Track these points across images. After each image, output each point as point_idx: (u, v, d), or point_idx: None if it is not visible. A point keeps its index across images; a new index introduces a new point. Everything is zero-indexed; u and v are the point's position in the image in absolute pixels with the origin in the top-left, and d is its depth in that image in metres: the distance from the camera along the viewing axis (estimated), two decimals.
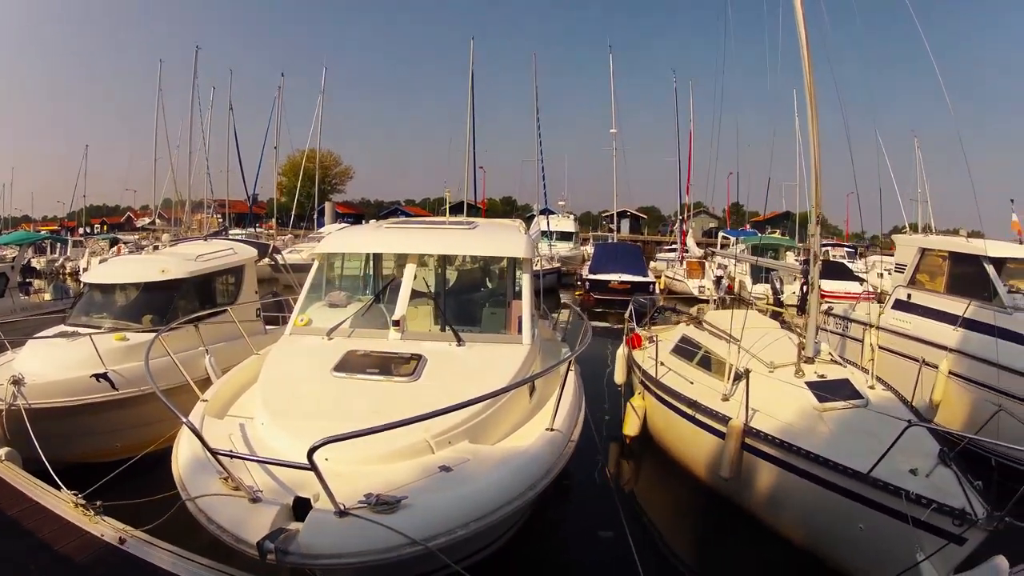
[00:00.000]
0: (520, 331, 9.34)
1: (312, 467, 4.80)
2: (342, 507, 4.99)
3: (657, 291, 35.88)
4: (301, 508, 5.31)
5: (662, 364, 12.36)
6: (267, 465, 5.94)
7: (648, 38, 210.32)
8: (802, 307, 13.43)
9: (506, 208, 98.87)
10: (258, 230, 55.54)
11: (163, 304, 12.53)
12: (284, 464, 5.62)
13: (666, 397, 11.60)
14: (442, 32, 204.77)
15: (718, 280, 35.07)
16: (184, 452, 6.59)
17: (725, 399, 10.30)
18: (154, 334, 9.48)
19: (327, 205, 73.95)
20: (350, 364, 7.89)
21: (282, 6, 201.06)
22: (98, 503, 7.43)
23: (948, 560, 6.98)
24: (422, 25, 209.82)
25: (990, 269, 13.71)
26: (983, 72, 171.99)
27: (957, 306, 13.86)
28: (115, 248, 45.43)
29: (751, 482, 9.44)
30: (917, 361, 12.44)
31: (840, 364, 11.46)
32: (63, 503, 7.59)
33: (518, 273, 10.51)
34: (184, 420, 6.01)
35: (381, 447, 6.11)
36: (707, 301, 29.29)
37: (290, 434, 6.45)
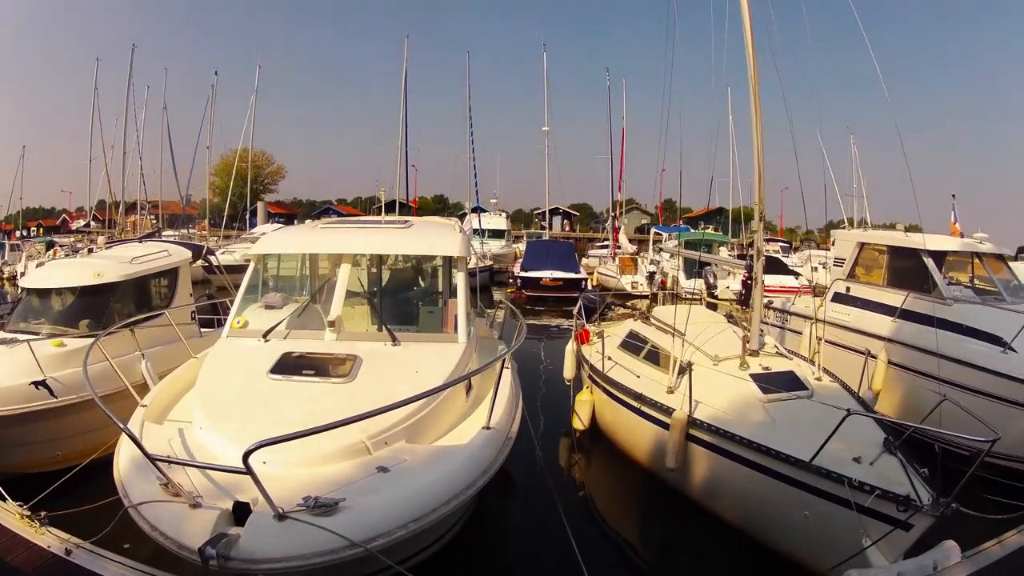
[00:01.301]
0: (456, 329, 9.44)
1: (248, 471, 4.88)
2: (281, 510, 5.06)
3: (589, 287, 36.08)
4: (241, 512, 5.35)
5: (609, 359, 12.64)
6: (206, 470, 6.02)
7: (584, 36, 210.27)
8: (745, 301, 13.73)
9: (437, 206, 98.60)
10: (191, 231, 54.62)
11: (99, 308, 12.36)
12: (221, 469, 5.63)
13: (613, 391, 11.84)
14: (375, 29, 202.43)
15: (651, 276, 35.44)
16: (124, 459, 6.60)
17: (670, 392, 10.54)
18: (92, 339, 9.45)
19: (260, 205, 73.07)
20: (286, 366, 7.93)
21: (217, 4, 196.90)
22: (42, 514, 7.28)
23: (896, 546, 7.22)
24: (355, 23, 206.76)
25: (929, 262, 14.22)
26: (920, 70, 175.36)
27: (896, 298, 14.44)
28: (51, 251, 44.25)
29: (697, 472, 9.71)
30: (858, 352, 12.76)
31: (786, 357, 11.79)
32: (9, 515, 7.40)
33: (453, 271, 10.59)
34: (123, 427, 6.09)
35: (318, 449, 6.19)
36: (644, 297, 29.57)
37: (227, 438, 6.50)
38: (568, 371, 14.49)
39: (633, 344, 12.90)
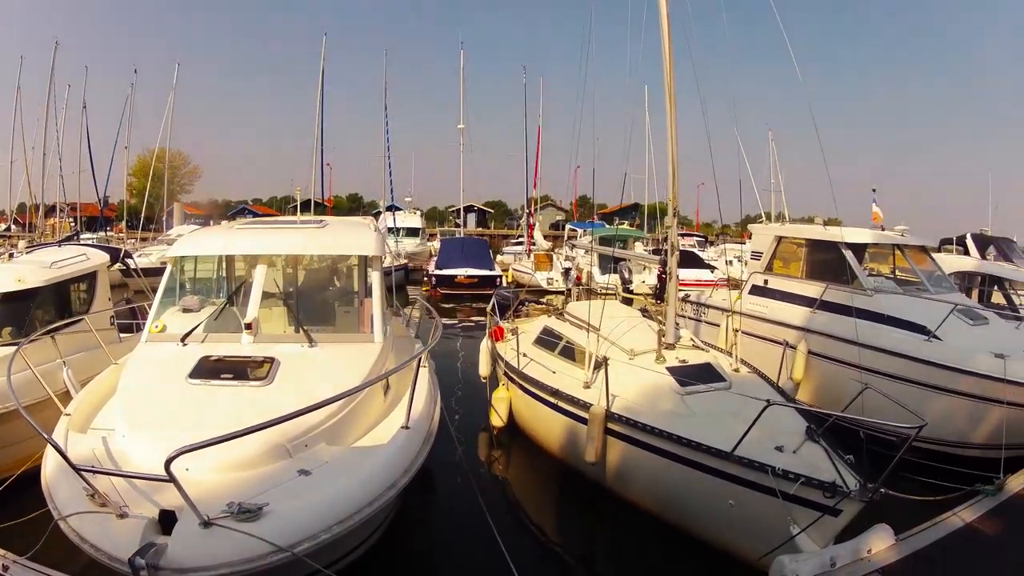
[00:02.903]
0: (372, 329, 9.48)
1: (171, 479, 4.91)
2: (206, 517, 5.09)
3: (504, 284, 36.19)
4: (167, 520, 5.32)
5: (525, 355, 12.66)
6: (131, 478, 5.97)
7: (502, 34, 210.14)
8: (660, 295, 13.66)
9: (352, 205, 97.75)
10: (109, 234, 52.90)
11: (22, 315, 11.75)
12: (145, 477, 5.69)
13: (529, 387, 11.88)
14: (293, 26, 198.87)
15: (567, 271, 35.27)
16: (51, 470, 6.49)
17: (587, 386, 10.58)
18: (13, 348, 9.10)
19: (176, 206, 71.07)
20: (205, 370, 7.86)
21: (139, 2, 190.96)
22: None
23: (825, 532, 7.34)
24: (274, 18, 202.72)
25: (848, 254, 14.52)
26: (837, 69, 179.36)
27: (815, 290, 14.73)
28: None
29: (617, 466, 9.79)
30: (778, 343, 13.03)
31: (702, 349, 11.92)
32: None
33: (368, 271, 10.45)
34: (47, 438, 6.03)
35: (238, 453, 6.21)
36: (559, 292, 29.35)
37: (149, 445, 6.41)
38: (483, 368, 14.59)
39: (548, 340, 12.94)
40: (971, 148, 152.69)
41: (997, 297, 19.13)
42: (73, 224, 52.87)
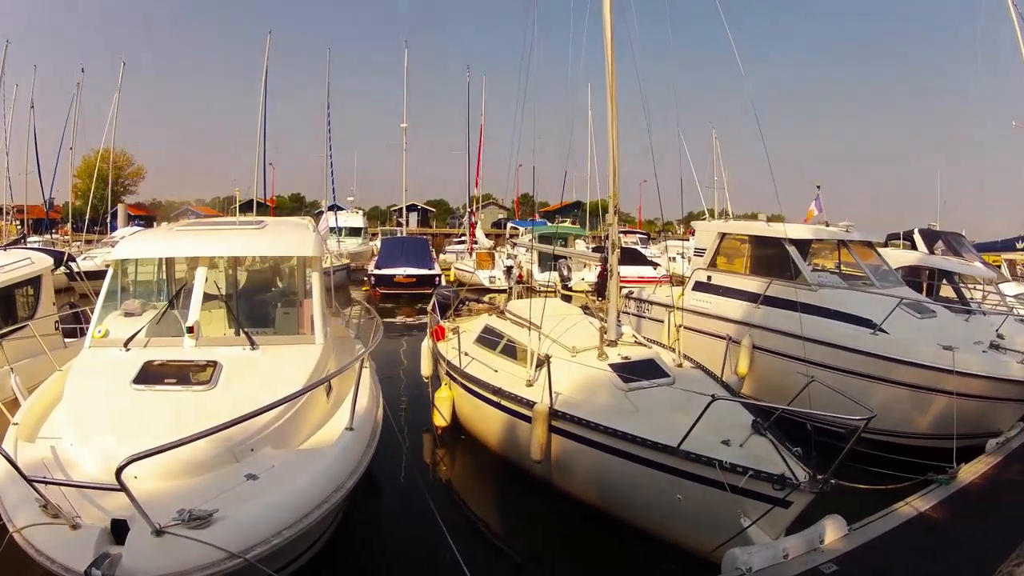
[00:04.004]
0: (312, 330, 9.53)
1: (122, 487, 4.95)
2: (158, 526, 5.08)
3: (444, 283, 35.75)
4: (119, 529, 5.32)
5: (466, 354, 12.56)
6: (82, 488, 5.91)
7: (446, 32, 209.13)
8: (601, 292, 13.90)
9: (294, 205, 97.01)
10: (54, 236, 51.64)
11: None
12: (97, 487, 5.68)
13: (472, 386, 11.82)
14: (237, 24, 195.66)
15: (508, 270, 35.07)
16: (2, 482, 6.34)
17: (529, 385, 10.56)
18: None
19: (120, 208, 69.74)
20: (148, 375, 7.85)
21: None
22: None
23: (776, 523, 7.43)
24: (217, 17, 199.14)
25: (792, 250, 14.67)
26: (778, 68, 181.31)
27: (759, 285, 14.86)
28: None
29: (563, 463, 9.78)
30: (721, 338, 13.49)
31: (645, 345, 12.08)
32: None
33: (308, 271, 10.60)
34: None
35: (186, 459, 6.18)
36: (501, 291, 29.17)
37: (97, 454, 6.48)
38: (425, 368, 14.55)
39: (489, 339, 12.89)
40: (920, 146, 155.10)
41: (947, 291, 19.34)
42: (20, 227, 51.80)
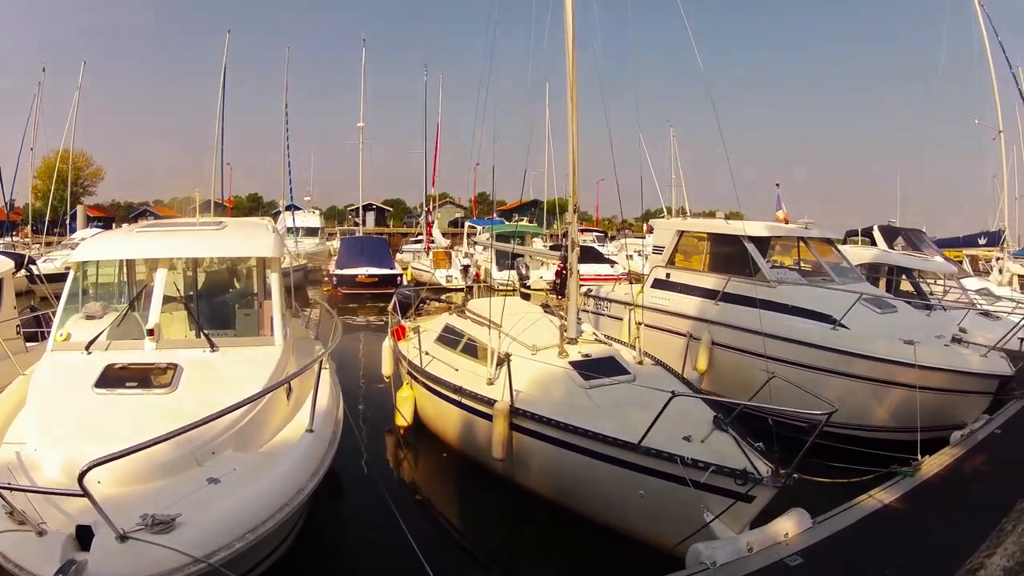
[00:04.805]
0: (272, 331, 9.54)
1: (86, 493, 4.92)
2: (122, 531, 5.09)
3: (404, 283, 35.64)
4: (84, 536, 5.29)
5: (427, 354, 12.60)
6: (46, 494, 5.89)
7: (404, 31, 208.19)
8: (561, 291, 13.62)
9: (252, 205, 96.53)
10: (14, 239, 50.75)
11: None
12: (60, 493, 5.64)
13: (433, 385, 11.85)
14: (195, 22, 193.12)
15: (465, 268, 35.16)
16: None
17: (490, 383, 10.61)
18: None
19: (79, 209, 68.76)
20: (110, 379, 7.82)
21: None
22: None
23: (740, 518, 7.47)
24: (176, 15, 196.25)
25: (751, 247, 14.81)
26: (746, 65, 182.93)
27: (718, 282, 14.97)
28: None
29: (525, 461, 9.84)
30: (681, 335, 13.68)
31: (604, 343, 12.17)
32: None
33: (268, 272, 10.59)
34: None
35: (147, 464, 6.17)
36: (457, 290, 29.03)
37: (60, 459, 6.46)
38: (386, 368, 14.54)
39: (450, 338, 12.93)
40: (881, 143, 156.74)
41: (907, 286, 19.56)
42: None
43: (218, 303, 11.39)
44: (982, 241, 32.43)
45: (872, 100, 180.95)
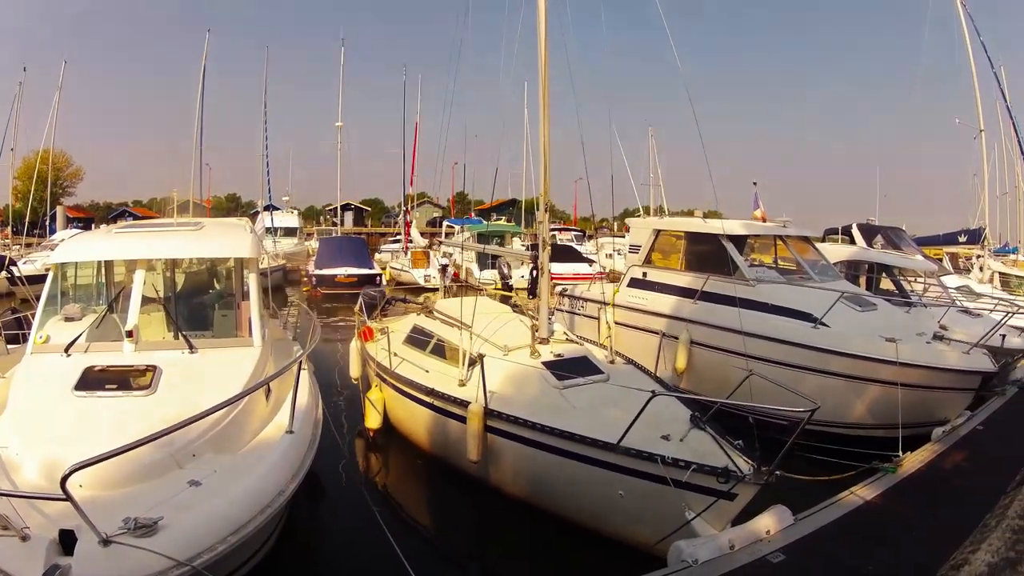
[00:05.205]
0: (251, 332, 9.55)
1: (68, 498, 4.94)
2: (104, 535, 5.08)
3: (383, 282, 35.79)
4: (67, 540, 5.26)
5: (396, 355, 12.52)
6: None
7: (383, 31, 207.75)
8: (533, 290, 13.45)
9: (230, 205, 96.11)
10: None
11: None
12: (43, 497, 5.59)
13: (403, 387, 11.77)
14: (173, 21, 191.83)
15: (444, 268, 35.09)
16: None
17: (462, 384, 10.54)
18: None
19: (59, 210, 68.24)
20: (89, 382, 7.79)
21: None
22: None
23: (722, 516, 7.45)
24: (153, 15, 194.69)
25: (729, 246, 14.75)
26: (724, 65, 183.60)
27: (696, 281, 14.87)
28: None
29: (501, 463, 9.78)
30: (659, 334, 13.67)
31: (577, 343, 12.15)
32: None
33: (246, 273, 10.69)
34: None
35: (128, 467, 6.17)
36: (435, 290, 28.90)
37: (41, 463, 6.46)
38: (354, 370, 14.47)
39: (418, 339, 12.84)
40: (861, 142, 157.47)
41: (887, 284, 19.47)
42: None
43: (196, 304, 11.39)
44: (962, 239, 32.68)
45: (853, 99, 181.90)
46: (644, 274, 16.51)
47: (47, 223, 59.06)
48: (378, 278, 35.83)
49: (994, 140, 34.14)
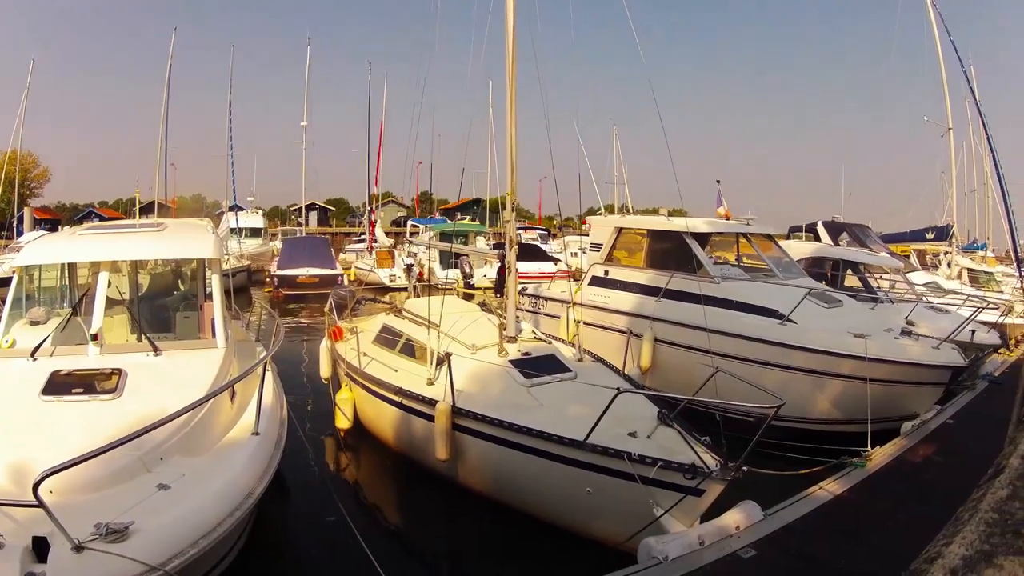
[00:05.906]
0: (214, 334, 9.60)
1: (40, 504, 4.88)
2: (77, 542, 5.04)
3: (346, 282, 35.94)
4: (40, 547, 5.22)
5: (365, 355, 12.54)
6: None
7: (348, 30, 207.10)
8: (500, 289, 13.90)
9: (195, 206, 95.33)
10: None
11: None
12: (15, 504, 5.54)
13: (372, 387, 11.79)
14: (140, 20, 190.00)
15: (409, 268, 34.87)
16: None
17: (430, 383, 10.59)
18: None
19: (26, 211, 67.55)
20: (56, 386, 7.75)
21: None
22: None
23: (691, 512, 7.50)
24: (115, 15, 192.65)
25: (693, 244, 14.81)
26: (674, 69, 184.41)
27: (660, 279, 14.92)
28: None
29: (469, 461, 9.83)
30: (621, 332, 13.69)
31: (544, 341, 12.17)
32: None
33: (208, 274, 10.71)
34: None
35: (97, 472, 6.10)
36: (403, 289, 28.76)
37: (10, 469, 6.37)
38: (324, 370, 14.45)
39: (387, 338, 12.86)
40: (827, 139, 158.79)
41: (852, 281, 19.60)
42: None
43: (159, 306, 11.36)
44: (930, 236, 33.00)
45: (820, 96, 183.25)
46: (606, 272, 16.58)
47: (14, 225, 58.63)
48: (340, 278, 35.88)
49: (962, 138, 34.45)
